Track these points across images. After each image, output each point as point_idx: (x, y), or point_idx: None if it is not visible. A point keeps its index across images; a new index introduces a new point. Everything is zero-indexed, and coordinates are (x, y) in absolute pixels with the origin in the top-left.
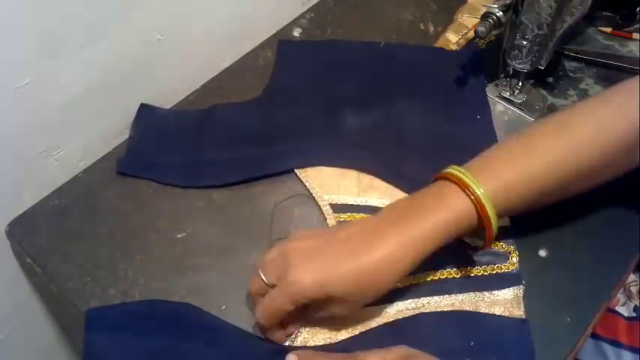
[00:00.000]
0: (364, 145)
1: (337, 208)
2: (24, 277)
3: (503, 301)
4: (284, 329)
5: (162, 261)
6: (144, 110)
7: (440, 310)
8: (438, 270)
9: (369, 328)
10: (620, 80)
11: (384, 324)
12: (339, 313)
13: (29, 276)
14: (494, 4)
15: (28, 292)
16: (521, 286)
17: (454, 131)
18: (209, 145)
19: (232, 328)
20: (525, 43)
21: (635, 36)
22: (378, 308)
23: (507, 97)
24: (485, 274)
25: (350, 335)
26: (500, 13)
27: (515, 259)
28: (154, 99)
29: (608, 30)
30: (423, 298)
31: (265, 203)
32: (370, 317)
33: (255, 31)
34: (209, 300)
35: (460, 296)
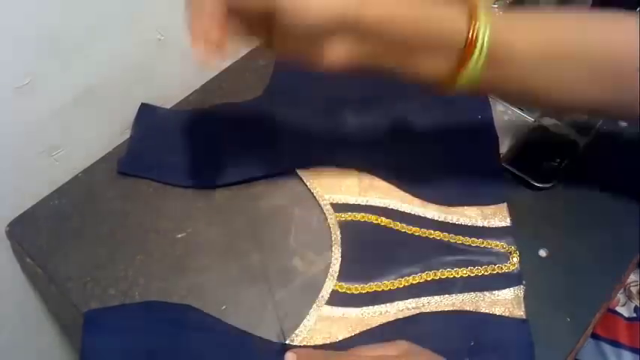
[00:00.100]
0: (365, 144)
1: (338, 208)
2: (24, 277)
3: (504, 302)
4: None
5: (162, 261)
6: (144, 110)
7: (440, 309)
8: (438, 270)
9: (369, 328)
10: None
11: (384, 324)
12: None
13: (29, 276)
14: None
15: (28, 292)
16: (521, 287)
17: (455, 132)
18: (209, 145)
19: (232, 329)
20: None
21: None
22: (378, 308)
23: None
24: (486, 274)
25: (350, 335)
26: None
27: (515, 259)
28: (154, 99)
29: None
30: (423, 298)
31: (266, 203)
32: (370, 317)
33: None
34: (209, 300)
35: (460, 296)
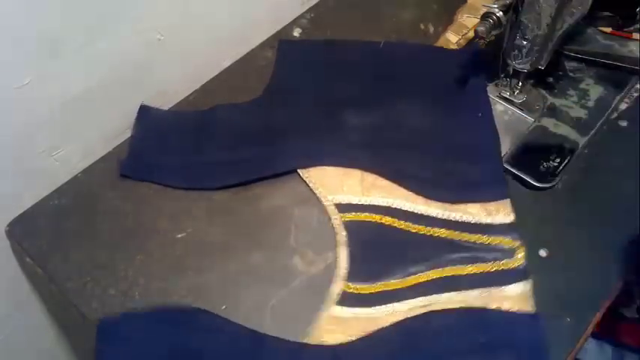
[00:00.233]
0: (365, 144)
1: (342, 208)
2: (24, 277)
3: (512, 297)
4: None
5: (162, 261)
6: (144, 111)
7: (450, 306)
8: (445, 267)
9: (380, 327)
10: (620, 80)
11: (395, 323)
12: None
13: (29, 276)
14: (494, 4)
15: (28, 292)
16: (529, 281)
17: (456, 130)
18: (210, 146)
19: (243, 329)
20: (525, 43)
21: (635, 36)
22: (388, 307)
23: (507, 97)
24: (493, 270)
25: (361, 335)
26: (500, 13)
27: (521, 255)
28: (154, 99)
29: (608, 30)
30: (432, 296)
31: (266, 203)
32: (381, 316)
33: (256, 31)
34: (209, 300)
35: (469, 292)
